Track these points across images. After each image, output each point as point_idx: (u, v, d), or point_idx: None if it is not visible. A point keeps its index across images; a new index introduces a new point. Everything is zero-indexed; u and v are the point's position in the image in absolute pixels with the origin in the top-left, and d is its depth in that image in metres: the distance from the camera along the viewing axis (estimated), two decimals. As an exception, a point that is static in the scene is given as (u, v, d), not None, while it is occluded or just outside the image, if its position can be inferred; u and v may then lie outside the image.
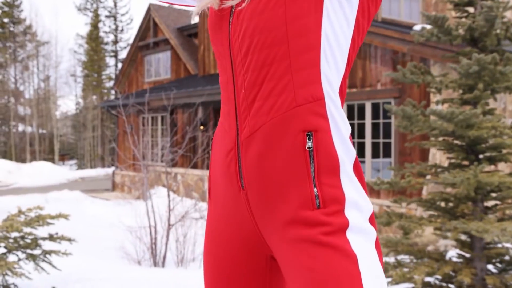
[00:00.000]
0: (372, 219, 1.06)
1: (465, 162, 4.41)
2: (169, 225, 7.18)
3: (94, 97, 37.74)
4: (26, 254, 4.70)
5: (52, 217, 4.48)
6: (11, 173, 26.12)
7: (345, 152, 1.05)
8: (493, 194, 4.30)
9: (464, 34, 4.34)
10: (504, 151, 4.28)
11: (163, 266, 7.15)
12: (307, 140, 1.01)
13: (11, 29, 34.79)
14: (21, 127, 36.42)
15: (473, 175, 3.64)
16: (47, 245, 5.18)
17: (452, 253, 5.73)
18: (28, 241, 4.63)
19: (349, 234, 1.00)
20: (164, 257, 7.16)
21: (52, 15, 79.22)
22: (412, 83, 4.38)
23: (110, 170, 27.33)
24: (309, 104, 1.02)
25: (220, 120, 1.18)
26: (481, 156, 4.35)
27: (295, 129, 1.01)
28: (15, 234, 4.55)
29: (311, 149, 1.01)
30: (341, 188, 1.02)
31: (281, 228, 1.04)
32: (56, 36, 59.85)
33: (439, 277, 4.50)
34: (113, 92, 31.66)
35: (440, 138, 4.55)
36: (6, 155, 33.50)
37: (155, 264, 7.13)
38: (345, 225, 1.00)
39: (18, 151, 35.07)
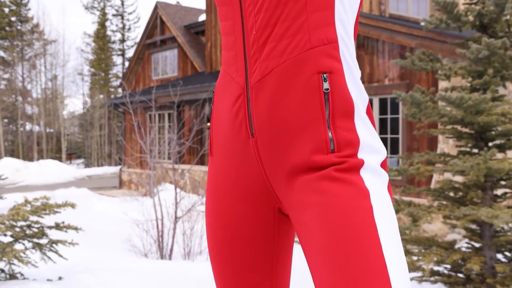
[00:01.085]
0: (385, 164, 1.03)
1: (474, 150, 4.36)
2: (175, 218, 7.16)
3: (101, 96, 37.88)
4: (33, 243, 4.69)
5: (59, 206, 4.47)
6: (18, 171, 26.24)
7: (359, 95, 1.02)
8: (503, 182, 4.25)
9: (474, 20, 4.29)
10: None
11: (170, 258, 7.14)
12: (323, 82, 0.98)
13: (19, 27, 34.97)
14: (28, 126, 36.60)
15: (483, 160, 3.59)
16: (53, 235, 5.18)
17: (461, 244, 5.68)
18: (35, 230, 4.63)
19: (363, 172, 0.98)
20: (171, 250, 7.14)
21: (59, 14, 79.58)
22: (421, 70, 4.34)
23: (117, 168, 27.40)
24: (323, 46, 0.99)
25: (223, 69, 1.13)
26: (490, 144, 4.30)
27: (310, 71, 0.98)
28: (21, 223, 4.55)
29: (328, 90, 0.98)
30: (355, 131, 0.99)
31: (292, 174, 1.01)
32: (64, 35, 60.14)
33: (447, 266, 4.45)
34: (120, 90, 31.75)
35: (449, 127, 4.50)
36: (13, 154, 33.68)
37: (162, 257, 7.11)
38: (359, 164, 0.98)
39: (26, 150, 35.25)
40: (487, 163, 3.66)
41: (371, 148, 1.01)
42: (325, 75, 0.98)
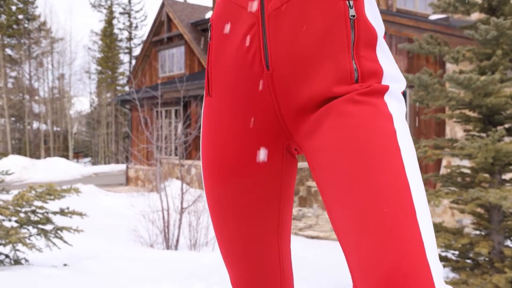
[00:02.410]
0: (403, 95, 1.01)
1: (482, 134, 4.30)
2: (181, 208, 7.14)
3: (108, 94, 37.98)
4: (38, 229, 4.69)
5: (63, 191, 4.46)
6: (25, 168, 26.34)
7: (379, 25, 0.99)
8: (511, 167, 4.20)
9: (482, 3, 4.24)
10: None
11: (176, 249, 7.12)
12: (349, 8, 0.94)
13: (26, 25, 35.08)
14: (35, 125, 36.74)
15: (491, 141, 3.54)
16: (58, 221, 5.17)
17: (469, 231, 5.62)
18: (40, 215, 4.62)
19: (387, 97, 0.94)
20: (177, 241, 7.12)
21: (66, 12, 79.92)
22: (429, 54, 4.29)
23: (124, 166, 27.44)
24: None
25: None
26: (499, 127, 4.24)
27: None
28: (26, 209, 4.54)
29: (354, 17, 0.94)
30: (378, 61, 0.96)
31: (311, 105, 0.96)
32: (71, 33, 60.25)
33: (455, 252, 4.40)
34: (127, 88, 31.80)
35: (457, 112, 4.45)
36: (20, 152, 33.80)
37: (168, 247, 7.09)
38: (384, 89, 0.95)
39: (33, 148, 35.39)
40: (495, 144, 3.60)
41: (393, 77, 0.98)
42: (350, 1, 0.94)
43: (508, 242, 4.45)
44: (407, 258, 0.79)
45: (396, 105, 0.95)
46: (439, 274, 0.81)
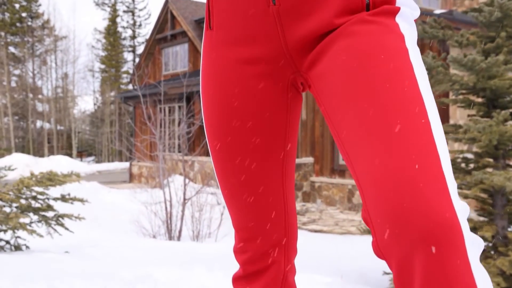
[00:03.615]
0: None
1: (486, 119, 4.27)
2: (184, 199, 7.12)
3: (112, 93, 38.03)
4: (39, 216, 4.67)
5: (64, 176, 4.44)
6: (28, 166, 26.37)
7: None
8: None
9: (486, -14, 4.20)
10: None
11: (178, 240, 7.10)
12: None
13: (29, 23, 35.13)
14: (39, 123, 36.81)
15: (496, 122, 3.51)
16: (60, 209, 5.15)
17: (473, 215, 5.58)
18: (41, 202, 4.60)
19: (398, 19, 0.92)
20: (180, 232, 7.10)
21: (70, 10, 79.92)
22: (433, 38, 4.26)
23: (127, 164, 27.47)
24: None
25: None
26: (502, 112, 4.21)
27: None
28: (27, 194, 4.52)
29: None
30: None
31: (318, 37, 0.94)
32: (74, 31, 60.27)
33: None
34: (130, 87, 31.84)
35: (461, 97, 4.41)
36: (24, 150, 33.87)
37: (171, 238, 7.07)
38: (395, 10, 0.92)
39: (36, 147, 35.45)
40: (499, 127, 3.57)
41: (406, 3, 0.95)
42: None
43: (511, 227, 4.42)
44: (422, 169, 0.75)
45: (408, 28, 0.92)
46: (455, 190, 0.77)
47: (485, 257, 3.97)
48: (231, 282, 1.18)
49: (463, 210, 0.75)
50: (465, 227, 0.74)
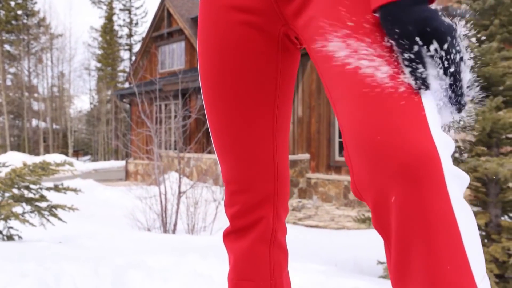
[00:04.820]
0: None
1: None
2: (179, 192, 7.11)
3: (109, 92, 37.97)
4: (32, 206, 4.65)
5: (57, 165, 4.42)
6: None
7: None
8: (510, 135, 4.16)
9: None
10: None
11: (173, 233, 7.09)
12: None
13: (25, 21, 35.00)
14: (34, 122, 36.71)
15: (489, 109, 3.51)
16: (53, 199, 5.12)
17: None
18: (34, 192, 4.58)
19: None
20: (175, 225, 7.09)
21: (66, 8, 79.74)
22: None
23: (123, 162, 27.44)
24: None
25: None
26: (495, 98, 4.22)
27: None
28: (20, 184, 4.50)
29: None
30: None
31: None
32: (70, 29, 60.10)
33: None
34: (127, 85, 31.79)
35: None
36: (19, 149, 33.77)
37: (166, 231, 7.06)
38: None
39: (32, 146, 35.35)
40: (492, 114, 3.57)
41: None
42: None
43: (505, 217, 4.42)
44: (399, 103, 0.73)
45: None
46: (436, 123, 0.74)
47: (478, 245, 3.98)
48: (222, 238, 1.18)
49: (445, 143, 0.73)
50: (445, 160, 0.71)
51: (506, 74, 3.90)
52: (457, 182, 0.72)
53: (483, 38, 3.94)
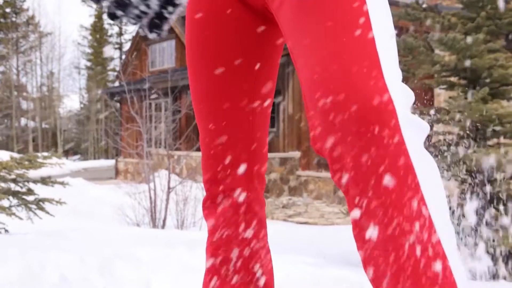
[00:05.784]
0: None
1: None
2: (169, 188, 7.09)
3: (99, 91, 37.80)
4: (19, 199, 4.62)
5: (45, 157, 4.40)
6: (14, 163, 26.08)
7: None
8: (496, 128, 4.19)
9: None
10: (509, 87, 4.15)
11: (163, 229, 7.07)
12: None
13: (13, 19, 34.69)
14: (23, 121, 36.44)
15: (475, 99, 3.53)
16: (40, 193, 5.08)
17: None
18: (20, 185, 4.55)
19: None
20: (164, 221, 7.07)
21: (55, 6, 79.18)
22: (415, 20, 4.28)
23: (113, 161, 27.34)
24: None
25: None
26: (482, 89, 4.24)
27: None
28: (6, 176, 4.46)
29: None
30: None
31: None
32: (60, 27, 59.74)
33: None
34: (117, 84, 31.69)
35: (443, 79, 4.44)
36: (8, 148, 33.51)
37: (155, 227, 7.04)
38: None
39: (21, 145, 35.09)
40: (479, 105, 3.59)
41: None
42: None
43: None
44: (352, 53, 0.73)
45: None
46: (393, 73, 0.74)
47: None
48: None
49: (401, 92, 0.73)
50: (401, 109, 0.71)
51: (493, 66, 3.93)
52: (414, 129, 0.72)
53: (470, 30, 3.97)
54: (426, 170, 0.71)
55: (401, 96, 0.73)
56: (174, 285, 2.67)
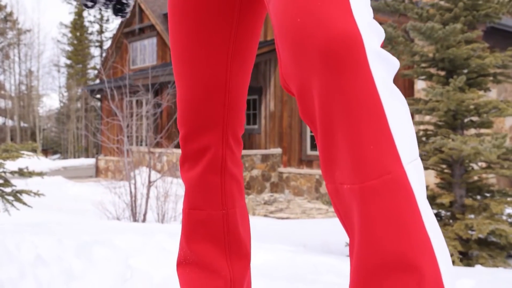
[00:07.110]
0: None
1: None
2: (149, 182, 7.05)
3: (79, 90, 37.42)
4: (-4, 190, 4.55)
5: (22, 147, 4.34)
6: (-8, 161, 25.67)
7: None
8: (473, 118, 4.26)
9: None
10: (485, 77, 4.22)
11: (143, 222, 7.03)
12: None
13: (-9, 16, 34.27)
14: (1, 120, 35.91)
15: (453, 88, 3.58)
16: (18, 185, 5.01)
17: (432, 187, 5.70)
18: (-2, 175, 4.48)
19: None
20: (145, 215, 7.03)
21: (34, 2, 78.00)
22: (395, 12, 4.32)
23: (94, 160, 27.07)
24: None
25: None
26: (459, 78, 4.31)
27: None
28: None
29: None
30: None
31: None
32: (39, 24, 58.93)
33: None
34: (98, 82, 31.39)
35: (422, 70, 4.49)
36: (-13, 146, 32.94)
37: (135, 221, 6.99)
38: None
39: None
40: (456, 94, 3.64)
41: None
42: None
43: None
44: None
45: None
46: (360, 5, 0.71)
47: (443, 224, 4.05)
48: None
49: (368, 25, 0.70)
50: (369, 42, 0.68)
51: (470, 57, 3.98)
52: (383, 65, 0.69)
53: (447, 20, 4.02)
54: (395, 106, 0.69)
55: (370, 30, 0.70)
56: (152, 266, 2.66)
